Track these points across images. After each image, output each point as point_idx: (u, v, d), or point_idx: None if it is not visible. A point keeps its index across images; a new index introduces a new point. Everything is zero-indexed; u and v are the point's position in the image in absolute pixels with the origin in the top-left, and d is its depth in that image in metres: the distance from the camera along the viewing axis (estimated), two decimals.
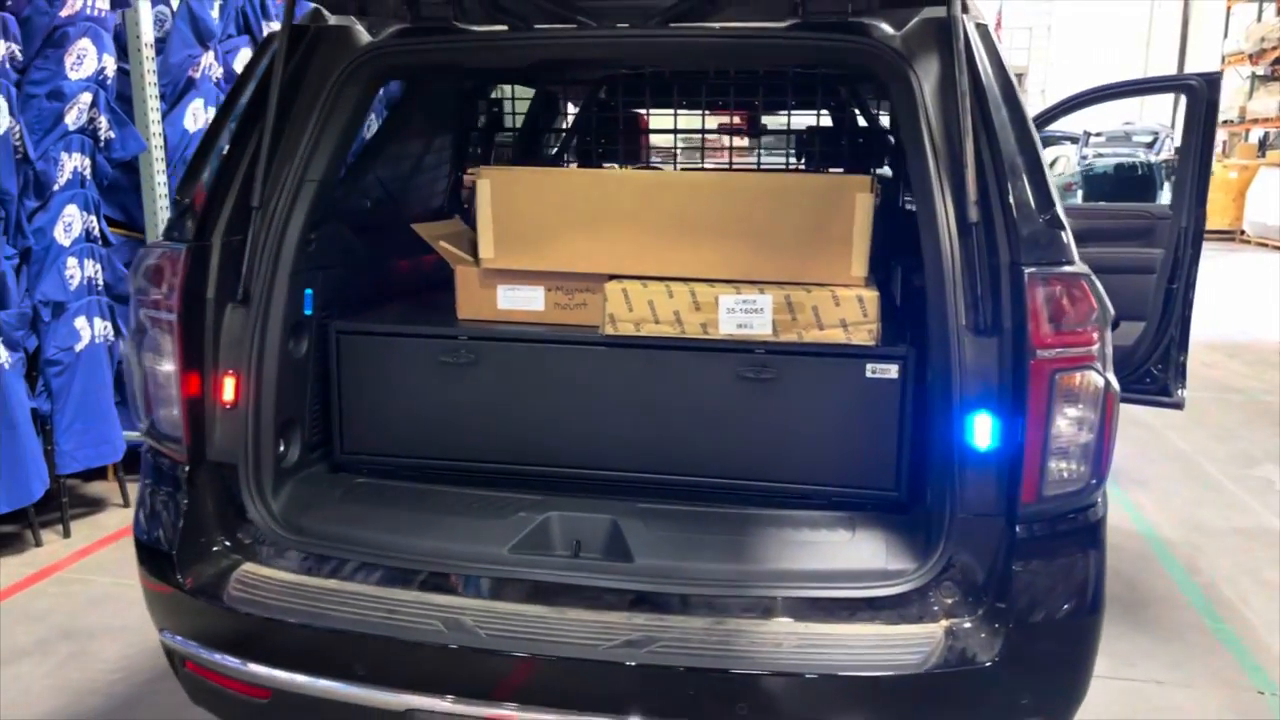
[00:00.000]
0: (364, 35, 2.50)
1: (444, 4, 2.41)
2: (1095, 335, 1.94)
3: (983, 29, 2.16)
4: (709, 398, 2.36)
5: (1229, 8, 22.41)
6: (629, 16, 2.38)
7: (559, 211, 2.43)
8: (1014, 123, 2.03)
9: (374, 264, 2.81)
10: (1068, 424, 1.95)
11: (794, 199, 2.33)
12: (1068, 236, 1.97)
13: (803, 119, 4.36)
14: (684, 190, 2.40)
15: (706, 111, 4.05)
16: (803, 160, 4.24)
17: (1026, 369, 1.92)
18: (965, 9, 2.10)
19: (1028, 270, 1.92)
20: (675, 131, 3.89)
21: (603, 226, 2.41)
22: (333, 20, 2.50)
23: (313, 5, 2.50)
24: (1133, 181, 10.26)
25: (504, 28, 2.44)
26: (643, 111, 4.25)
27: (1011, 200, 1.97)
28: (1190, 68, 26.28)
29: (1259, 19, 20.75)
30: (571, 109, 4.57)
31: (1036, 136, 2.06)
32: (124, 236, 4.85)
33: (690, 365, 2.36)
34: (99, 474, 4.98)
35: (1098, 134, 16.79)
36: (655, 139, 4.61)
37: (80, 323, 4.41)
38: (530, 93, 4.10)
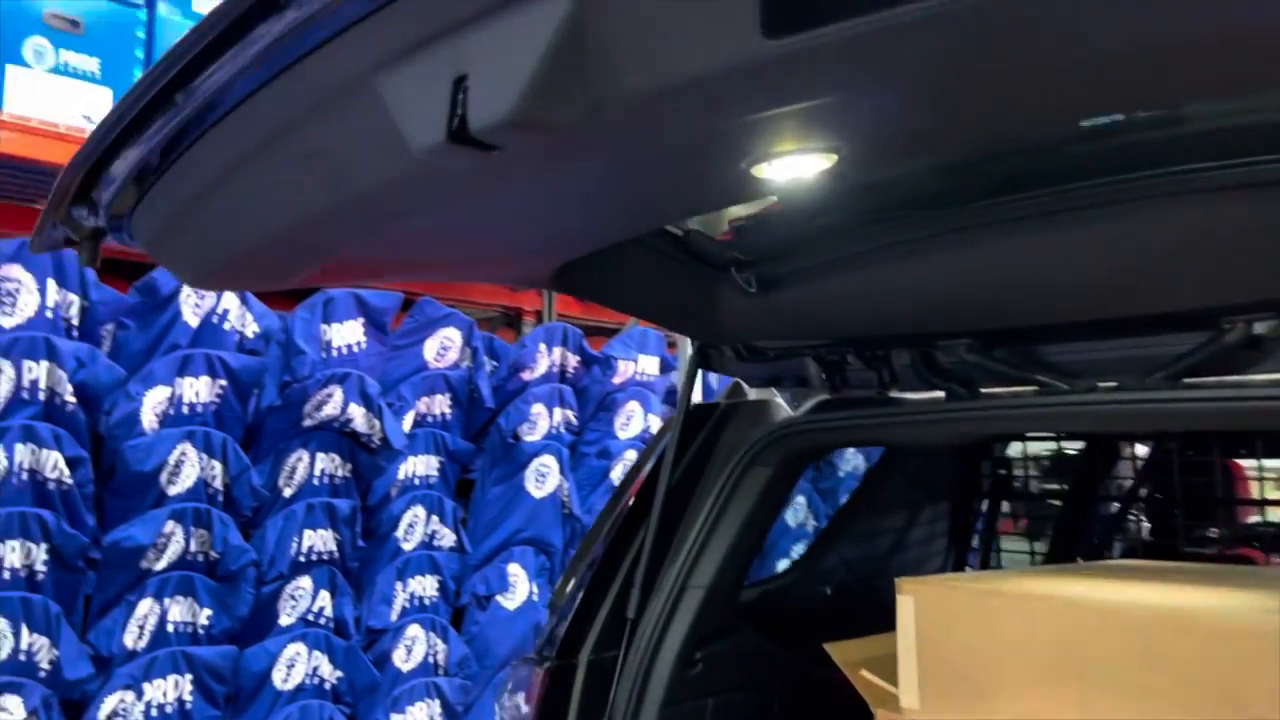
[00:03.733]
0: (782, 409, 2.11)
1: (866, 370, 1.95)
2: None
3: None
4: None
5: None
6: (1116, 373, 1.65)
7: (1016, 651, 1.65)
8: None
9: (799, 681, 2.24)
10: None
11: None
12: None
13: None
14: (1230, 643, 1.46)
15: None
16: None
17: None
18: None
19: None
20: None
21: (1086, 684, 1.56)
22: (752, 394, 2.17)
23: (732, 379, 2.21)
24: None
25: (940, 395, 1.87)
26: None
27: None
28: None
29: None
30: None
31: None
32: None
33: None
34: None
35: None
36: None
37: None
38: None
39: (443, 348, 4.03)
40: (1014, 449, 3.04)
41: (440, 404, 4.05)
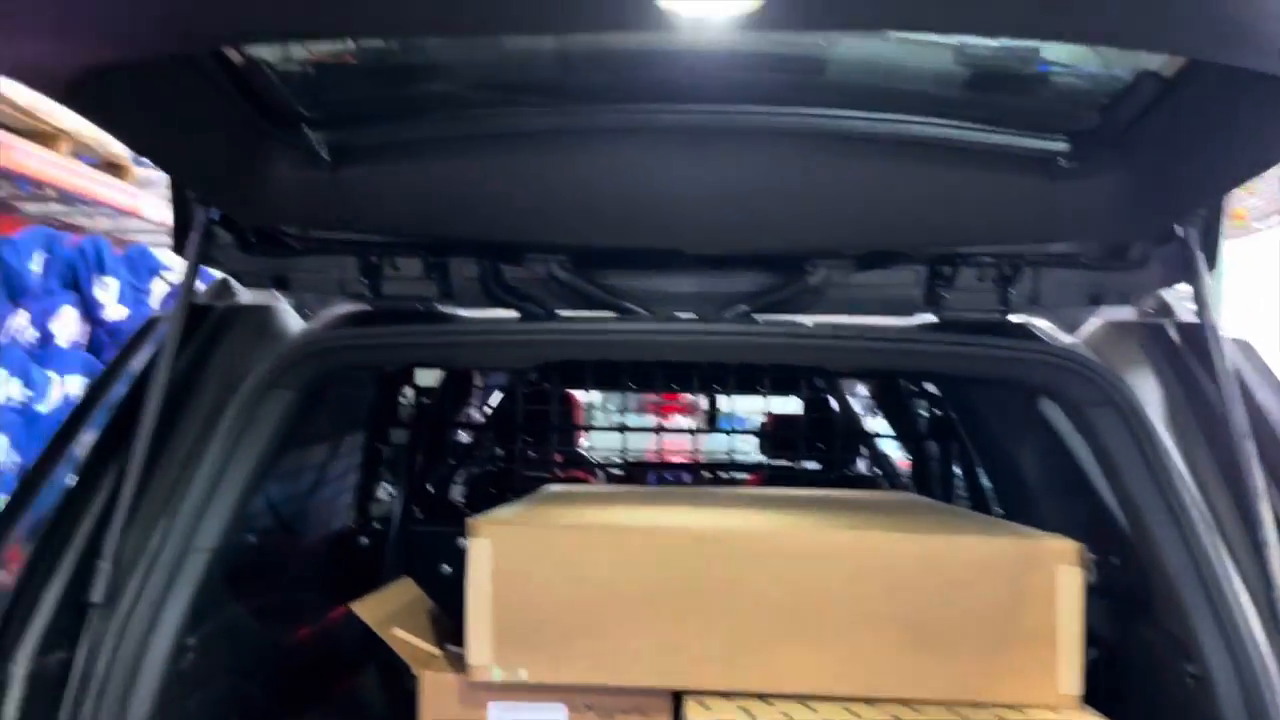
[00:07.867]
0: (291, 318, 1.68)
1: (424, 279, 1.66)
2: None
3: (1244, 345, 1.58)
4: None
5: None
6: (693, 305, 1.69)
7: (596, 588, 1.58)
8: None
9: (260, 646, 1.83)
10: None
11: (956, 572, 1.58)
12: None
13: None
14: (787, 558, 1.60)
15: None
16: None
17: None
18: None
19: None
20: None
21: (665, 611, 1.57)
22: (246, 297, 1.68)
23: (219, 277, 1.68)
24: None
25: (514, 315, 1.69)
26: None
27: None
28: None
29: None
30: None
31: None
32: None
33: None
34: None
35: None
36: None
37: None
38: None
39: None
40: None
41: None
